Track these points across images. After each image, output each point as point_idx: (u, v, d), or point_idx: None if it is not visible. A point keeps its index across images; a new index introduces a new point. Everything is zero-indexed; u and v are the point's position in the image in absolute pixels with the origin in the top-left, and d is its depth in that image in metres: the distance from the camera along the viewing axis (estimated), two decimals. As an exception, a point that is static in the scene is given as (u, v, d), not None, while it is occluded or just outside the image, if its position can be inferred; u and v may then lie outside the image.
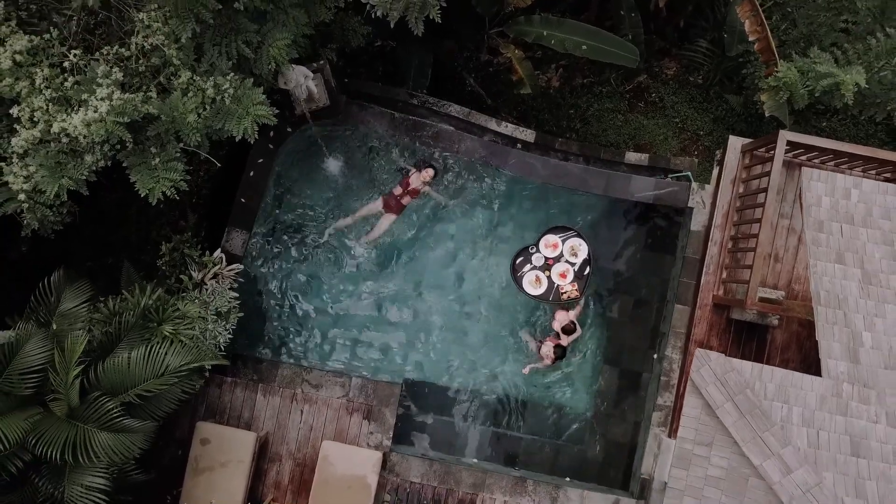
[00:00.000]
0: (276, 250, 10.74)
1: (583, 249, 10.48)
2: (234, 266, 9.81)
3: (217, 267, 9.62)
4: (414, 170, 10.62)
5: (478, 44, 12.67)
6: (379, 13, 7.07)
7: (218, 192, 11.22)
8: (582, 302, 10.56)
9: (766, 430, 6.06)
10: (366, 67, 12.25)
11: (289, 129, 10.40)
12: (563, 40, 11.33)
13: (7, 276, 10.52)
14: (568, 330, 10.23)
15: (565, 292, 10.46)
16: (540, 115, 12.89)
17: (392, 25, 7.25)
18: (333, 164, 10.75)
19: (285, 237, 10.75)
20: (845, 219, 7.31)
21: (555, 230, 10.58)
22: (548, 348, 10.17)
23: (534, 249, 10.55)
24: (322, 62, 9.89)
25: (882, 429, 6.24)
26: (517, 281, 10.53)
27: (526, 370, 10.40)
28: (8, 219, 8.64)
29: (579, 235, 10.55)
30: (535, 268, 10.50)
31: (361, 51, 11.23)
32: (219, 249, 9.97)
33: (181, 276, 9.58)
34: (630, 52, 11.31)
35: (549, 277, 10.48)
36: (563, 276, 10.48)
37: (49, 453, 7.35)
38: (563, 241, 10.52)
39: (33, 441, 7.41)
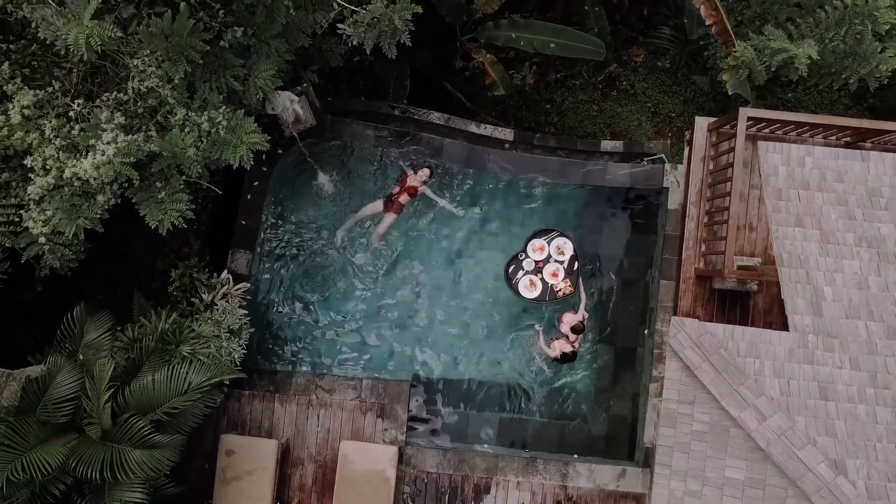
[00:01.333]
0: (279, 266, 11.43)
1: (568, 247, 11.18)
2: (241, 285, 10.49)
3: (225, 287, 10.29)
4: (410, 170, 11.32)
5: (451, 51, 13.35)
6: (354, 42, 7.74)
7: (217, 216, 11.89)
8: (584, 301, 11.19)
9: (741, 384, 6.73)
10: (347, 84, 12.91)
11: (280, 151, 11.08)
12: (532, 40, 12.02)
13: (24, 316, 11.23)
14: (577, 329, 10.86)
15: (560, 290, 11.15)
16: (518, 113, 13.55)
17: (368, 52, 7.92)
18: (326, 179, 11.44)
19: (287, 253, 11.44)
20: (801, 185, 7.99)
21: (539, 234, 11.28)
22: (556, 351, 10.83)
23: (523, 256, 11.24)
24: (305, 85, 10.56)
25: (846, 373, 6.91)
26: (513, 288, 11.21)
27: (538, 346, 11.03)
28: (22, 263, 9.37)
29: (563, 234, 11.24)
30: (527, 273, 11.19)
31: (341, 68, 11.89)
32: (225, 271, 10.65)
33: (192, 300, 10.25)
34: (596, 46, 12.00)
35: (542, 279, 11.17)
36: (555, 275, 11.17)
37: (89, 474, 8.01)
38: (549, 243, 11.21)
39: (73, 464, 8.07)
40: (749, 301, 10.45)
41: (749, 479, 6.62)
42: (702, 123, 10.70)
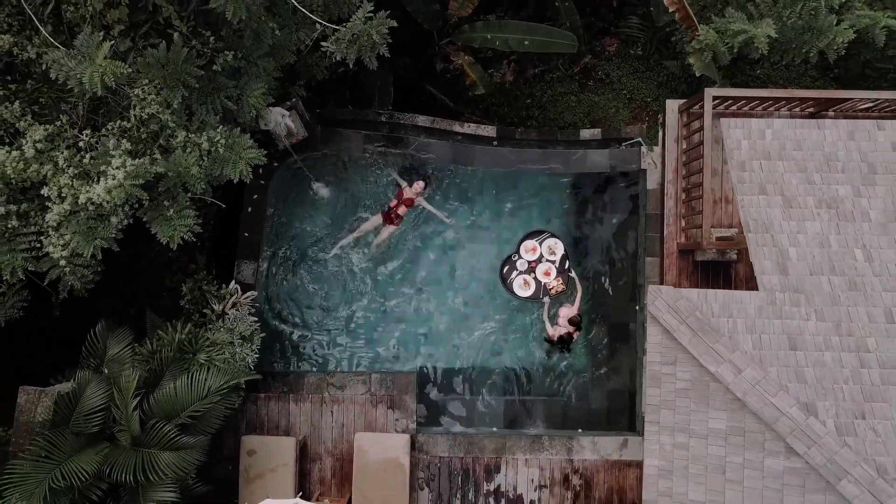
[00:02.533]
0: (283, 273, 12.12)
1: (559, 247, 11.92)
2: (248, 294, 11.16)
3: (234, 297, 10.97)
4: (405, 184, 12.01)
5: (431, 55, 14.02)
6: (338, 57, 8.40)
7: (219, 231, 12.57)
8: (580, 295, 11.87)
9: (716, 342, 7.39)
10: (333, 94, 13.59)
11: (275, 164, 11.75)
12: (507, 39, 12.71)
13: (43, 342, 11.92)
14: (574, 321, 11.58)
15: (552, 287, 11.87)
16: (500, 109, 14.23)
17: (351, 66, 8.59)
18: (321, 187, 12.15)
19: (290, 260, 12.13)
20: (763, 156, 8.65)
21: (531, 235, 12.04)
22: (556, 331, 11.54)
23: (516, 257, 11.96)
24: (294, 99, 11.23)
25: (813, 324, 7.57)
26: (508, 288, 11.93)
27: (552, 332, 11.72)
28: (37, 292, 10.06)
29: (553, 235, 11.97)
30: (521, 273, 11.92)
31: (326, 80, 12.54)
32: (233, 281, 11.33)
33: (204, 311, 10.93)
34: (568, 40, 12.68)
35: (535, 278, 11.89)
36: (547, 273, 11.91)
37: (123, 478, 8.68)
38: (541, 244, 11.96)
39: (108, 470, 8.75)
40: (731, 270, 11.12)
41: (730, 428, 7.29)
42: (672, 105, 11.39)
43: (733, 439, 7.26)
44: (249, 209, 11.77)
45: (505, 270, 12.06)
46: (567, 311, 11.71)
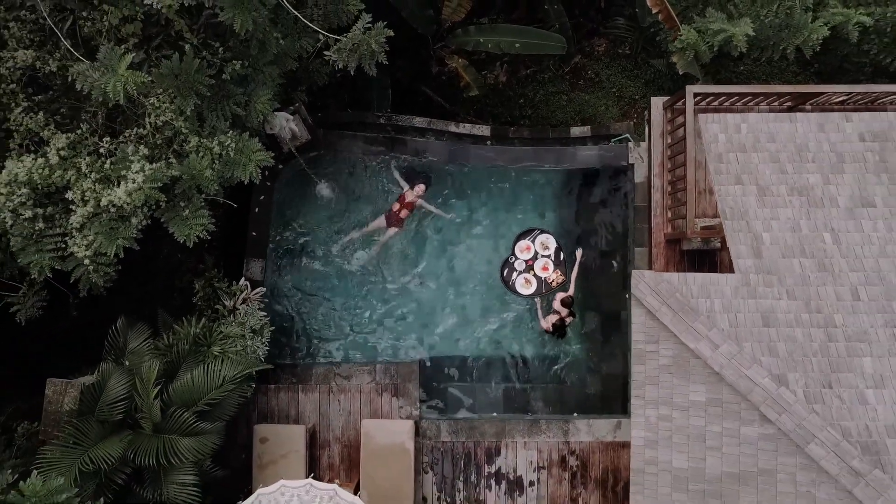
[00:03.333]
0: (290, 269, 12.84)
1: (551, 241, 12.60)
2: (258, 290, 11.85)
3: (244, 293, 11.65)
4: (407, 186, 12.71)
5: (427, 58, 14.72)
6: (340, 65, 9.09)
7: (228, 230, 13.26)
8: (573, 280, 12.57)
9: (695, 321, 8.08)
10: (333, 98, 14.28)
11: (280, 167, 12.45)
12: (499, 43, 13.43)
13: (62, 340, 12.61)
14: (567, 303, 12.27)
15: (552, 280, 12.56)
16: (494, 109, 14.94)
17: (352, 73, 9.29)
18: (324, 187, 12.87)
19: (296, 257, 12.85)
20: (739, 148, 9.34)
21: (522, 236, 12.73)
22: (548, 323, 12.25)
23: (513, 258, 12.65)
24: (297, 104, 11.93)
25: (784, 303, 8.26)
26: (511, 289, 12.61)
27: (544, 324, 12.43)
28: (54, 297, 10.76)
29: (544, 231, 12.65)
30: (520, 273, 12.60)
31: (326, 85, 13.27)
32: (242, 278, 12.01)
33: (216, 306, 11.62)
34: (557, 42, 13.41)
35: (534, 275, 12.57)
36: (545, 268, 12.59)
37: (146, 462, 9.39)
38: (533, 241, 12.64)
39: (132, 455, 9.44)
40: (716, 258, 11.82)
41: (709, 400, 7.98)
42: (657, 102, 12.10)
43: (712, 410, 7.95)
44: (256, 209, 12.47)
45: (505, 273, 12.74)
46: (561, 295, 12.38)
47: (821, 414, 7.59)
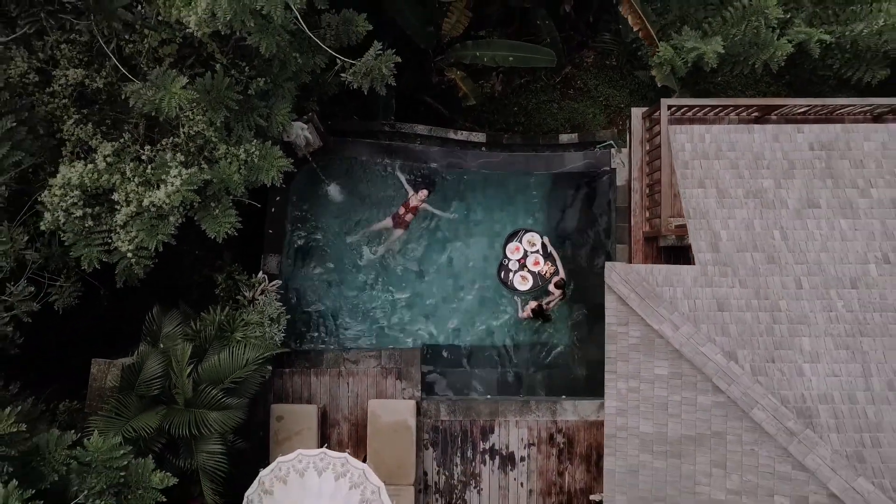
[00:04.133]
0: (304, 264, 14.37)
1: (536, 238, 14.09)
2: (274, 282, 13.35)
3: (262, 285, 13.14)
4: (412, 192, 14.22)
5: (428, 70, 16.22)
6: (354, 86, 10.56)
7: (243, 228, 14.72)
8: (560, 265, 14.06)
9: (659, 306, 9.56)
10: (341, 107, 15.77)
11: (295, 170, 13.90)
12: (494, 56, 14.93)
13: (92, 330, 14.07)
14: (559, 284, 13.80)
15: (545, 272, 14.04)
16: (490, 116, 16.47)
17: (365, 92, 10.77)
18: (335, 189, 14.39)
19: (309, 253, 14.36)
20: (703, 156, 10.82)
21: (510, 238, 14.21)
22: (527, 311, 13.77)
23: (506, 261, 14.14)
24: (310, 114, 13.43)
25: (736, 290, 9.74)
26: (511, 288, 14.08)
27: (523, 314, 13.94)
28: (86, 292, 12.15)
29: (528, 230, 14.15)
30: (515, 272, 14.08)
31: (335, 94, 14.76)
32: (260, 272, 13.51)
33: (237, 297, 13.10)
34: (547, 55, 14.89)
35: (529, 271, 14.04)
36: (536, 263, 14.08)
37: (179, 433, 10.87)
38: (520, 241, 14.12)
39: (167, 426, 10.92)
40: (689, 253, 13.22)
41: (671, 374, 9.46)
42: (637, 113, 13.58)
43: (673, 382, 9.43)
44: (273, 209, 13.98)
45: (502, 276, 14.21)
46: (555, 279, 13.86)
47: (764, 384, 9.07)
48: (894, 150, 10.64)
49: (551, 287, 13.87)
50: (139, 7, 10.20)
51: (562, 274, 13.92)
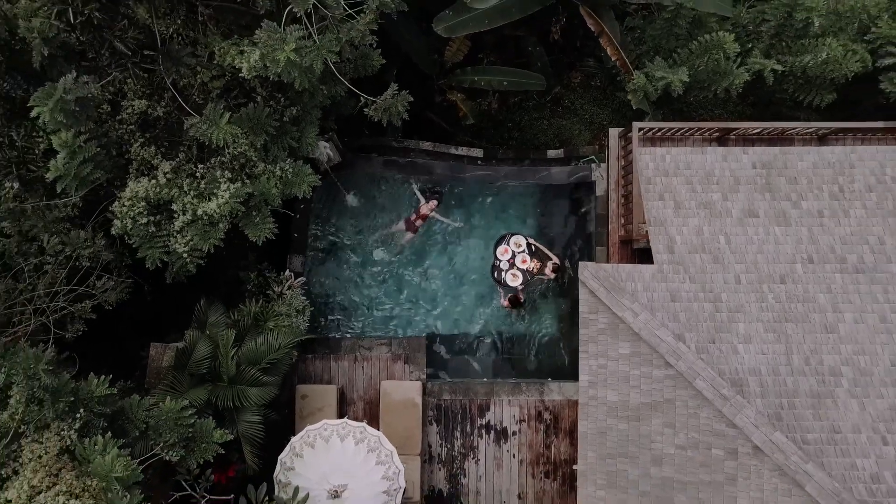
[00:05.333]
0: (324, 263, 16.96)
1: (521, 239, 16.69)
2: (299, 279, 15.94)
3: (289, 281, 15.72)
4: (423, 201, 16.82)
5: (431, 90, 18.80)
6: (374, 119, 13.10)
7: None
8: (550, 253, 16.65)
9: (622, 297, 12.14)
10: (355, 124, 18.33)
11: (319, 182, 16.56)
12: (490, 81, 17.52)
13: (140, 322, 16.64)
14: (557, 268, 16.45)
15: (532, 269, 16.60)
16: (487, 132, 19.05)
17: (384, 125, 13.28)
18: (352, 199, 17.01)
19: (329, 253, 16.98)
20: (663, 173, 13.40)
21: (498, 242, 16.77)
22: (505, 300, 16.40)
23: (497, 262, 16.71)
24: (330, 133, 16.02)
25: (687, 285, 12.32)
26: (504, 285, 16.64)
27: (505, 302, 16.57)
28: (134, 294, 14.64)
29: (514, 234, 16.73)
30: (506, 271, 16.66)
31: (350, 114, 17.33)
32: (287, 270, 16.09)
33: (267, 292, 15.67)
34: (537, 80, 17.48)
35: (518, 269, 16.61)
36: (524, 261, 16.66)
37: (224, 405, 13.44)
38: (508, 244, 16.69)
39: (214, 399, 13.49)
40: (659, 255, 15.87)
41: (632, 353, 12.03)
42: (614, 133, 16.20)
43: (633, 359, 12.02)
44: (297, 216, 16.59)
45: (495, 275, 16.81)
46: (550, 265, 16.44)
47: (705, 360, 11.67)
48: (822, 169, 13.26)
49: (547, 271, 16.41)
50: (197, 50, 12.75)
51: (555, 260, 16.50)
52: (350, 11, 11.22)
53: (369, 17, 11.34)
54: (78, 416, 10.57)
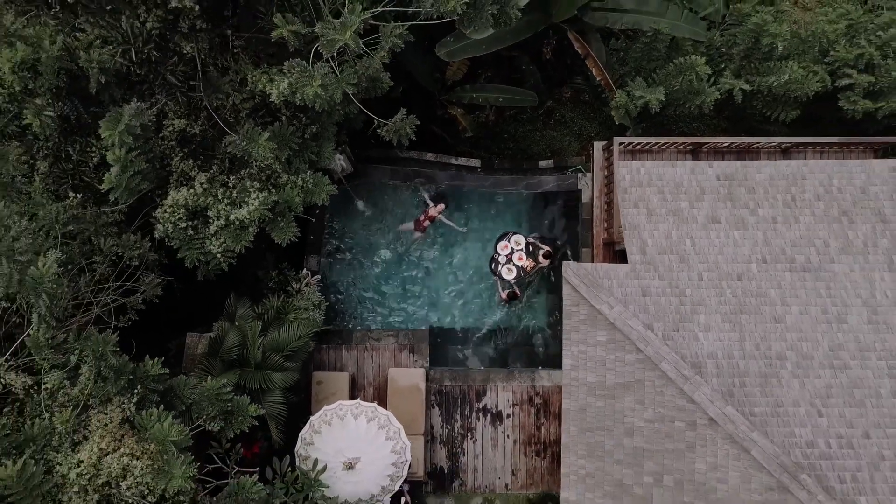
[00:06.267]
0: (337, 263, 19.25)
1: (521, 238, 18.96)
2: (315, 277, 18.22)
3: (306, 279, 18.00)
4: (431, 204, 19.13)
5: (434, 105, 21.07)
6: (386, 140, 15.34)
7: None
8: (538, 243, 18.94)
9: (600, 292, 14.41)
10: (363, 137, 20.60)
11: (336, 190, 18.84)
12: (487, 97, 19.82)
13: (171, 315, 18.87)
14: (548, 255, 18.72)
15: (527, 266, 18.89)
16: (485, 142, 21.32)
17: (394, 143, 15.53)
18: (363, 205, 19.32)
19: (341, 254, 19.28)
20: (637, 184, 15.67)
21: (500, 238, 19.05)
22: (504, 293, 18.70)
23: (497, 255, 18.98)
24: (343, 146, 18.29)
25: (656, 282, 14.60)
26: (499, 276, 18.92)
27: (503, 295, 18.88)
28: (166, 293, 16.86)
29: (515, 233, 19.01)
30: (503, 264, 18.93)
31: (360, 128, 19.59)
32: (304, 269, 18.38)
33: (287, 289, 17.95)
34: (529, 97, 19.76)
35: (514, 265, 18.88)
36: (521, 258, 18.94)
37: (251, 387, 15.71)
38: (509, 241, 18.96)
39: (243, 383, 15.76)
40: (638, 256, 18.16)
41: (608, 339, 14.30)
42: (598, 146, 18.50)
43: (609, 346, 14.31)
44: (314, 220, 18.88)
45: (493, 267, 19.11)
46: (542, 251, 18.73)
47: (670, 346, 13.96)
48: (777, 180, 15.56)
49: (540, 257, 18.69)
50: (230, 76, 15.03)
51: (545, 248, 18.77)
52: (366, 50, 13.42)
53: (382, 53, 13.56)
54: (136, 391, 12.86)
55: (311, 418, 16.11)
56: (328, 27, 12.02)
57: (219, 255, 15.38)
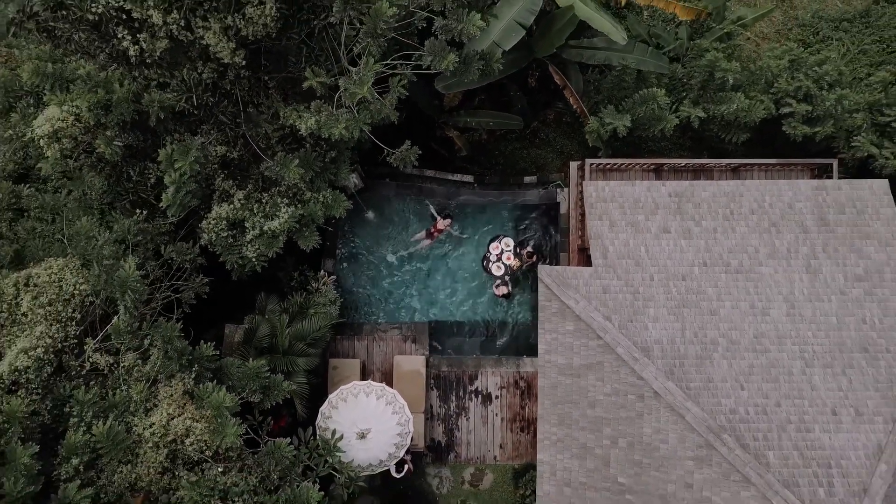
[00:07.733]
0: (350, 265, 23.17)
1: (510, 241, 22.90)
2: (331, 277, 22.14)
3: (324, 279, 21.89)
4: (439, 217, 23.09)
5: (433, 127, 24.96)
6: (394, 165, 19.17)
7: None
8: (525, 244, 22.87)
9: (568, 290, 18.28)
10: (370, 154, 24.49)
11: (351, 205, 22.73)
12: (479, 121, 23.75)
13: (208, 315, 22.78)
14: (530, 253, 22.61)
15: (513, 265, 22.77)
16: (478, 158, 25.23)
17: (401, 168, 19.39)
18: (372, 216, 23.25)
19: (354, 258, 23.20)
20: (602, 200, 19.51)
21: (492, 240, 22.98)
22: (501, 290, 22.64)
23: (488, 254, 22.91)
24: (355, 165, 22.19)
25: (615, 282, 18.46)
26: (489, 272, 22.84)
27: (498, 292, 22.83)
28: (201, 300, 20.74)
29: (505, 236, 22.92)
30: (494, 262, 22.85)
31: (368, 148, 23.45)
32: (322, 270, 22.29)
33: (307, 287, 21.84)
34: (516, 121, 23.67)
35: (503, 263, 22.78)
36: (509, 258, 22.86)
37: (279, 370, 19.60)
38: (499, 242, 22.87)
39: (273, 367, 19.63)
40: (608, 259, 22.06)
41: (574, 329, 18.18)
42: (573, 165, 22.42)
43: (576, 334, 18.19)
44: (330, 228, 22.81)
45: (484, 264, 23.04)
46: (525, 251, 22.66)
47: (625, 334, 17.85)
48: (719, 197, 19.46)
49: (524, 255, 22.59)
50: (263, 111, 18.91)
51: (528, 249, 22.67)
52: (379, 97, 17.31)
53: (392, 97, 17.45)
54: (193, 369, 16.77)
55: (330, 395, 20.06)
56: (350, 82, 15.90)
57: (254, 259, 19.27)
